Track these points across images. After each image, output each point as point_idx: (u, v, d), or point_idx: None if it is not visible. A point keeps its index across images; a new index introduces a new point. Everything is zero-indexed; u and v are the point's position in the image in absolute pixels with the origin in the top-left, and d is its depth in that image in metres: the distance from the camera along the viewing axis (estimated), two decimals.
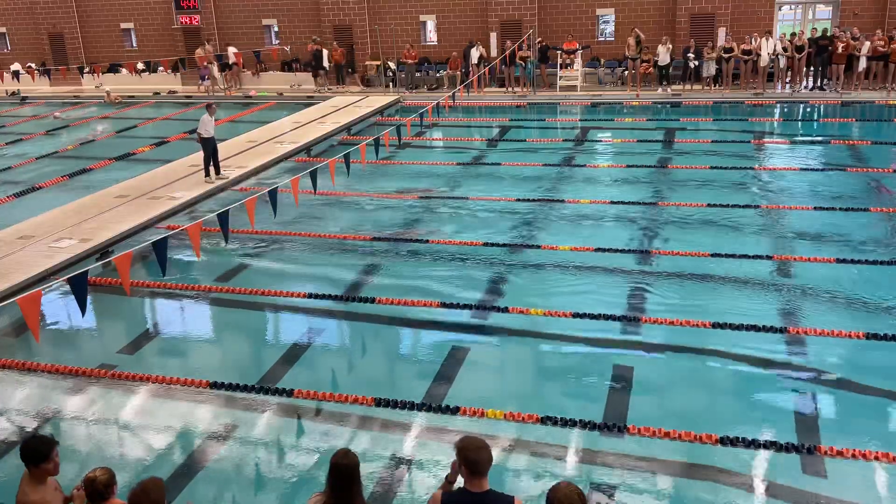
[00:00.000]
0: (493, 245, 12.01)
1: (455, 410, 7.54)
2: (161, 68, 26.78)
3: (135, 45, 31.37)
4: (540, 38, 24.60)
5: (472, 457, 4.21)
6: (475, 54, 24.90)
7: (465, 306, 9.88)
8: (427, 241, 12.33)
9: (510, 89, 24.85)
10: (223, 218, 9.79)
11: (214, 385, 8.24)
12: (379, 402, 7.74)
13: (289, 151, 18.39)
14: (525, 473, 6.75)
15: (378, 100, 24.34)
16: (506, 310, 9.76)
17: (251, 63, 28.48)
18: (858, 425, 7.25)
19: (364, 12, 27.27)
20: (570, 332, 9.19)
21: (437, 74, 26.40)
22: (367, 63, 27.34)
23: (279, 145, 18.88)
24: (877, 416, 7.45)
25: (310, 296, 10.39)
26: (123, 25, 31.24)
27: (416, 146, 19.39)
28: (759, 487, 6.44)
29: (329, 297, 10.36)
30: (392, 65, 26.24)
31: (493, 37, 26.00)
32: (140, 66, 26.67)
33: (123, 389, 8.37)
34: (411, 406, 7.69)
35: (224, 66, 27.38)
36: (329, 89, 26.45)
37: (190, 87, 28.32)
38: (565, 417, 7.32)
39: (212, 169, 15.82)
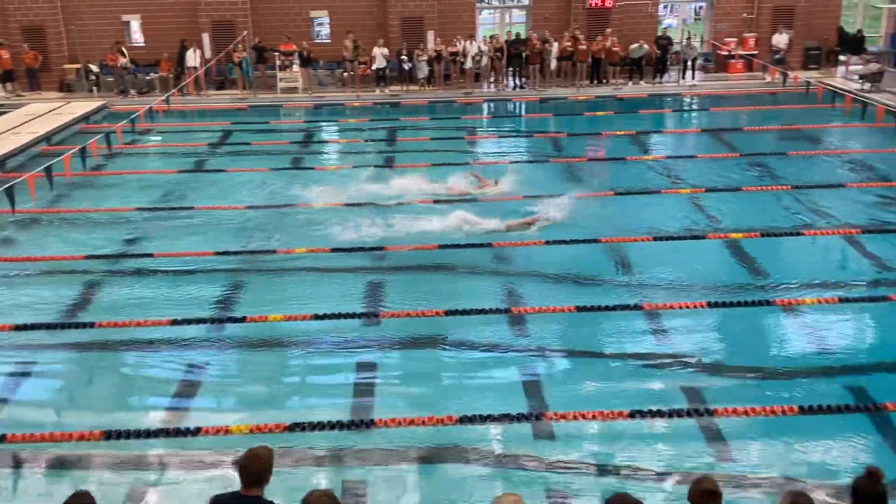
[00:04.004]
0: (225, 254, 11.60)
1: (196, 431, 7.19)
2: None
3: None
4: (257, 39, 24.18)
5: (242, 464, 4.44)
6: (192, 56, 23.85)
7: (199, 320, 9.45)
8: (152, 255, 11.58)
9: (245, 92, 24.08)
10: None
11: None
12: (109, 436, 7.13)
13: None
14: (277, 484, 6.62)
15: (81, 106, 22.33)
16: (243, 319, 9.49)
17: None
18: (577, 389, 8.09)
19: (57, 11, 24.85)
20: (313, 335, 9.18)
21: (147, 77, 24.84)
22: (66, 66, 24.97)
23: None
24: (591, 378, 8.36)
25: (17, 328, 9.28)
26: None
27: (131, 154, 18.11)
28: (498, 458, 6.94)
29: (40, 326, 9.33)
30: (94, 67, 24.24)
31: (206, 38, 25.03)
32: None
33: None
34: (146, 434, 7.18)
35: None
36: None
37: None
38: (313, 421, 7.30)
39: None
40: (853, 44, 24.69)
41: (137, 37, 25.87)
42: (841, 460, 6.84)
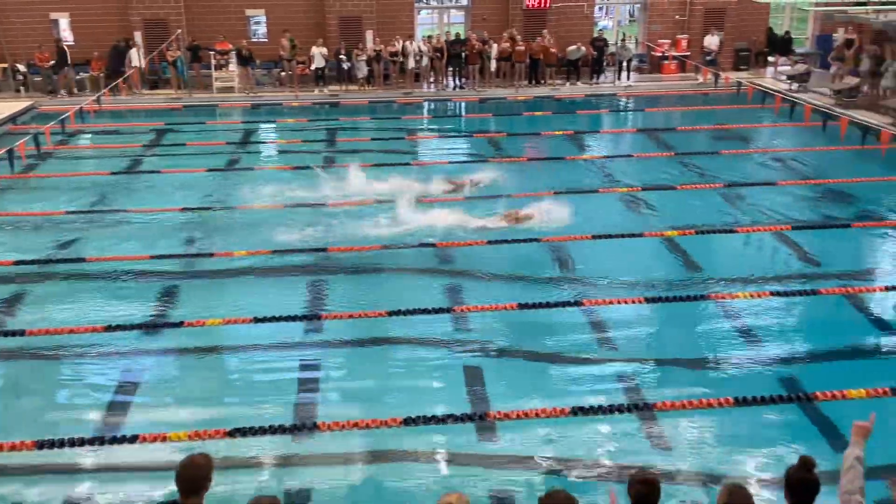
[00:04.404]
0: (160, 257, 11.34)
1: (133, 439, 7.00)
2: None
3: None
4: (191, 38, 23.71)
5: (179, 472, 4.29)
6: (136, 56, 23.25)
7: (135, 326, 9.22)
8: (84, 260, 11.24)
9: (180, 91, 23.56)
10: None
11: None
12: (42, 445, 6.89)
13: None
14: (218, 492, 6.50)
15: (8, 106, 21.53)
16: (181, 324, 9.29)
17: None
18: (519, 387, 8.15)
19: None
20: (253, 339, 9.04)
21: (77, 77, 24.10)
22: None
23: None
24: (533, 376, 8.44)
25: None
26: None
27: (61, 156, 17.54)
28: (442, 459, 6.95)
29: None
30: (22, 67, 23.43)
31: (138, 36, 24.42)
32: None
33: None
34: (80, 443, 6.97)
35: None
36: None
37: None
38: (254, 426, 7.18)
39: None
40: (781, 45, 25.51)
41: (66, 35, 25.08)
42: (775, 450, 7.05)
